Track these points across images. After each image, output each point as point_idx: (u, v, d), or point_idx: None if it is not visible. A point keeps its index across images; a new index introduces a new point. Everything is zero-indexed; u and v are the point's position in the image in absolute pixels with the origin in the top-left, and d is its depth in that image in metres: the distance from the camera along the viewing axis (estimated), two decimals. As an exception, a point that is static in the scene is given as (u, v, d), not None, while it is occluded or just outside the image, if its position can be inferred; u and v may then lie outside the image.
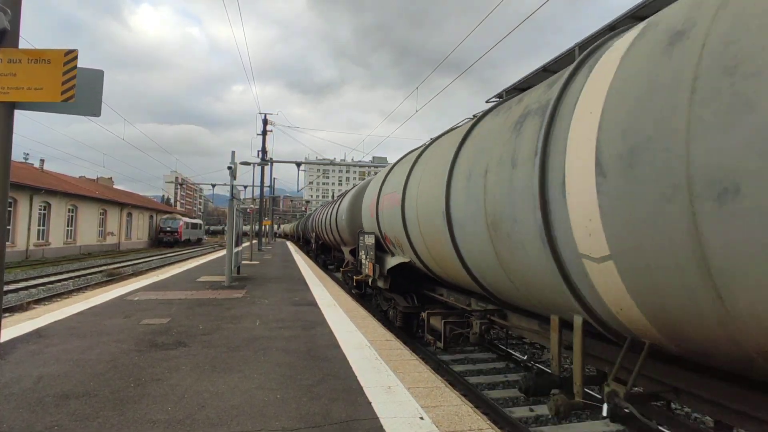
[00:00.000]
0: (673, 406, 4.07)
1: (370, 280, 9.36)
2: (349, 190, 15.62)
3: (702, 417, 5.41)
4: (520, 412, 5.79)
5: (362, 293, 12.19)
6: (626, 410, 2.94)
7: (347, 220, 13.38)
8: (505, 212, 3.82)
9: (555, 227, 3.14)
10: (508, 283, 4.20)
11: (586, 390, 3.37)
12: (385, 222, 8.22)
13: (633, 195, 2.40)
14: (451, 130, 6.79)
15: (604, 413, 3.04)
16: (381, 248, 8.88)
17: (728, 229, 1.93)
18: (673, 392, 3.01)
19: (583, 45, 4.19)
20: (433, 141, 7.39)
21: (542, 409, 5.83)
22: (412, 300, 8.22)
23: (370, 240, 9.19)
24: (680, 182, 2.12)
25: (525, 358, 7.82)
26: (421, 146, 8.03)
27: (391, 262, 8.16)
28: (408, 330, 8.15)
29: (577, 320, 3.28)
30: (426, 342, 6.68)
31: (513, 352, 8.08)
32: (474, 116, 5.82)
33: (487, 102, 6.17)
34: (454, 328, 5.82)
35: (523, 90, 5.37)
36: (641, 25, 2.88)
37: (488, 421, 3.50)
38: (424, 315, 6.56)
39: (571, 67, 3.43)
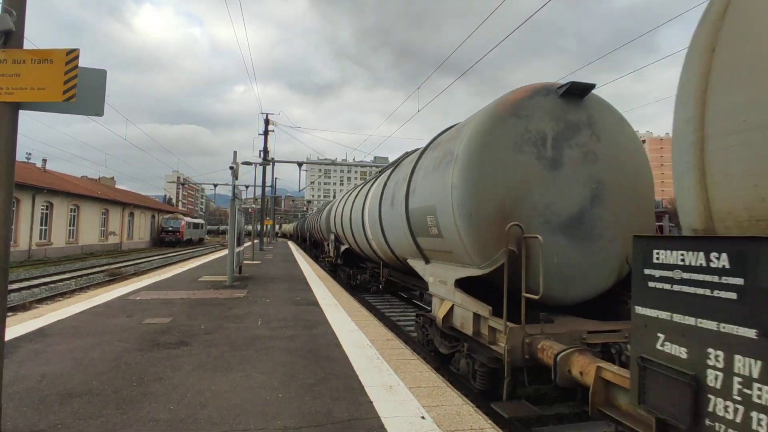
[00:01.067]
0: None
1: (334, 260, 16.92)
2: (328, 203, 24.59)
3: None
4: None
5: (333, 268, 18.28)
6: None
7: (324, 224, 20.65)
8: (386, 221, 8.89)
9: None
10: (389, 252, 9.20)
11: None
12: (338, 227, 15.79)
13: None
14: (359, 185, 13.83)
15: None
16: (338, 241, 16.16)
17: None
18: None
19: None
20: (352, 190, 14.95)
21: (544, 410, 5.83)
22: (351, 269, 14.74)
23: (332, 236, 17.23)
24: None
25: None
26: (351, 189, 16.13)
27: (342, 248, 15.80)
28: (351, 285, 14.61)
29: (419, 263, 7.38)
30: (357, 287, 13.91)
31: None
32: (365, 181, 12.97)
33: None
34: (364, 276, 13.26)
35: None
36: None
37: (489, 421, 3.51)
38: (351, 272, 14.44)
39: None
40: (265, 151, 33.42)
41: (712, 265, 1.97)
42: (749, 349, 1.81)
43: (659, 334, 2.24)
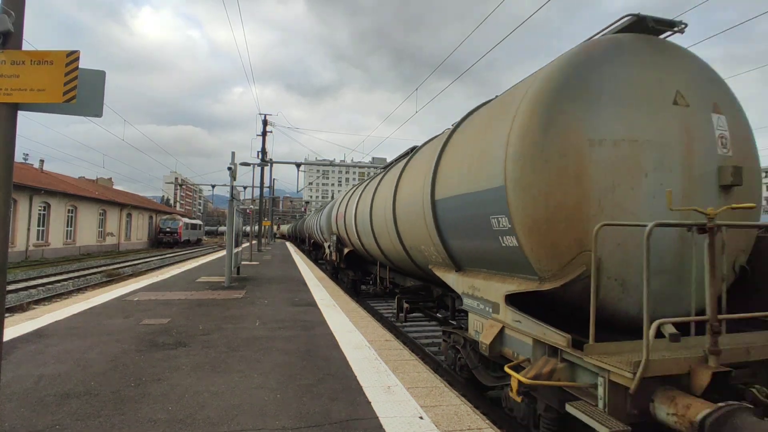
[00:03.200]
0: None
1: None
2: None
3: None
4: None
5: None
6: None
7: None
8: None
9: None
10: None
11: None
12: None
13: None
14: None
15: None
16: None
17: None
18: None
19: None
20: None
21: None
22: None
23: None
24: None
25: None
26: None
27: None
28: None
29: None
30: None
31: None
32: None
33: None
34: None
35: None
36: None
37: (487, 421, 3.52)
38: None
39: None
40: (263, 151, 33.43)
41: None
42: None
43: None
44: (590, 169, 3.49)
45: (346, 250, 14.28)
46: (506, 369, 3.67)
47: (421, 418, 3.51)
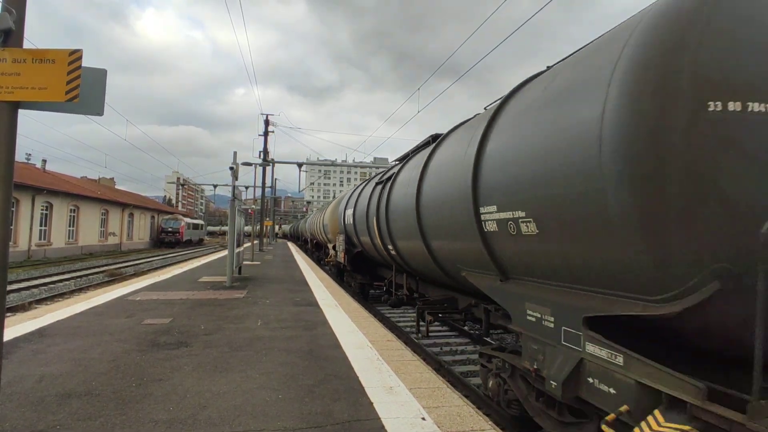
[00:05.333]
0: None
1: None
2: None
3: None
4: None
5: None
6: None
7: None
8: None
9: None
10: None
11: None
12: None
13: None
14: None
15: None
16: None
17: None
18: None
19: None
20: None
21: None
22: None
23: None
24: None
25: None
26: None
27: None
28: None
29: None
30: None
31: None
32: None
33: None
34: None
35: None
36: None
37: (490, 422, 3.50)
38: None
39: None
40: (265, 151, 33.43)
41: None
42: None
43: None
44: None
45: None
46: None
47: (423, 419, 3.49)
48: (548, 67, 4.22)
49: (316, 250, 28.71)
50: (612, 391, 2.85)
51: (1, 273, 2.84)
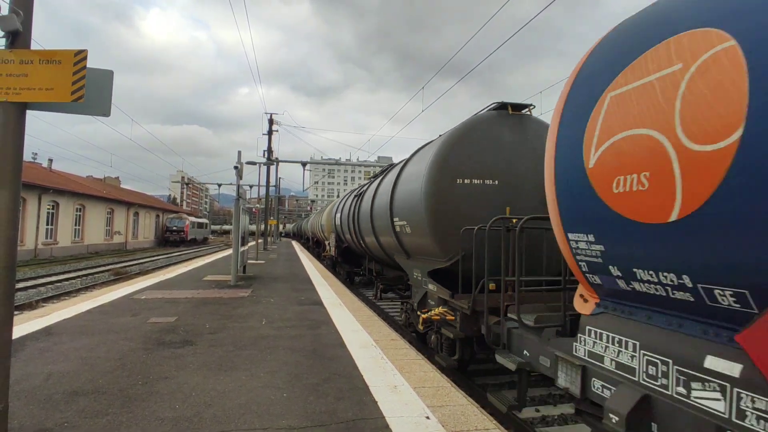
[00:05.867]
0: None
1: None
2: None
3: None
4: (526, 412, 5.77)
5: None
6: None
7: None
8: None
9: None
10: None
11: None
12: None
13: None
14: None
15: None
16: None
17: None
18: None
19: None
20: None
21: (548, 410, 5.81)
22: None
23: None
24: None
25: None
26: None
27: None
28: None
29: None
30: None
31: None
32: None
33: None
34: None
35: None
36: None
37: (494, 421, 3.50)
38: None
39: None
40: (269, 150, 33.48)
41: None
42: None
43: None
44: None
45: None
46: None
47: (427, 418, 3.49)
48: (440, 135, 7.35)
49: (317, 247, 33.45)
50: (431, 302, 6.84)
51: (10, 273, 2.86)
